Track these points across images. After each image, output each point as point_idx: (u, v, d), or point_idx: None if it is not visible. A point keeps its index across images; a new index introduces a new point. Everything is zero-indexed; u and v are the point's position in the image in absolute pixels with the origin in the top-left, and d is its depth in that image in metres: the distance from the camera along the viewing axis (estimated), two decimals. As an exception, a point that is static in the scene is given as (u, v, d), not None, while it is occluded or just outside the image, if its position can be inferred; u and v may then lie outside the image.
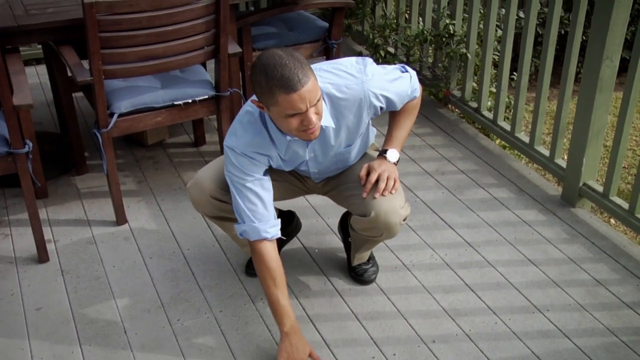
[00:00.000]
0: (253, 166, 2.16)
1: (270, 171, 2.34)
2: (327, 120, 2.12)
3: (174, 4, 2.61)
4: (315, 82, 1.93)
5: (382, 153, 2.28)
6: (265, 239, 2.18)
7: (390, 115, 2.35)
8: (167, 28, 2.64)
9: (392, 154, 2.28)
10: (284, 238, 2.69)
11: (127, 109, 2.79)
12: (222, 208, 2.29)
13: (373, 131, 2.46)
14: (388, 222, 2.21)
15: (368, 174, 2.25)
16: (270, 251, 2.19)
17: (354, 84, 2.12)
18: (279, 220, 2.24)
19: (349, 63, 2.15)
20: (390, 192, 2.20)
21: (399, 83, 2.24)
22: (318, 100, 1.96)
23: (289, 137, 2.11)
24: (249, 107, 2.16)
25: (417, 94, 2.32)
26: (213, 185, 2.28)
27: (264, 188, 2.18)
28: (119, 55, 2.63)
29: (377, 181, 2.22)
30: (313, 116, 1.96)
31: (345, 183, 2.35)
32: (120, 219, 2.95)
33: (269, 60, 1.91)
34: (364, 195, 2.21)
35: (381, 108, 2.22)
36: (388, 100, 2.21)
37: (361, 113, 2.17)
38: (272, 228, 2.19)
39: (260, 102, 1.99)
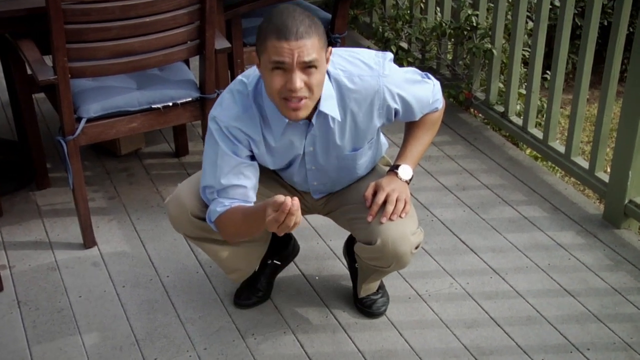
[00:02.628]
0: (234, 147, 2.18)
1: (263, 186, 2.35)
2: (331, 109, 2.14)
3: (152, -9, 2.63)
4: (316, 46, 1.98)
5: (393, 169, 2.29)
6: (231, 206, 2.19)
7: (407, 127, 2.37)
8: (144, 19, 2.66)
9: (405, 171, 2.28)
10: (279, 263, 2.69)
11: (96, 113, 2.80)
12: (206, 228, 2.30)
13: (384, 143, 2.48)
14: (397, 251, 2.21)
15: (375, 193, 2.25)
16: (236, 210, 2.17)
17: (368, 76, 2.15)
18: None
19: (367, 54, 2.20)
20: (400, 217, 2.21)
21: (420, 87, 2.26)
22: (313, 67, 1.99)
23: (287, 120, 2.13)
24: (244, 77, 2.19)
25: (440, 106, 2.35)
26: (195, 201, 2.28)
27: (246, 176, 2.19)
28: (87, 50, 2.64)
29: (385, 202, 2.23)
30: (298, 80, 1.99)
31: (349, 203, 2.36)
32: (88, 241, 2.96)
33: (281, 8, 2.01)
34: (369, 219, 2.21)
35: (396, 112, 2.23)
36: (405, 103, 2.22)
37: (372, 111, 2.18)
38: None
39: (256, 53, 2.05)
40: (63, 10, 2.52)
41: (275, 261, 2.67)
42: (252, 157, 2.23)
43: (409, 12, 4.22)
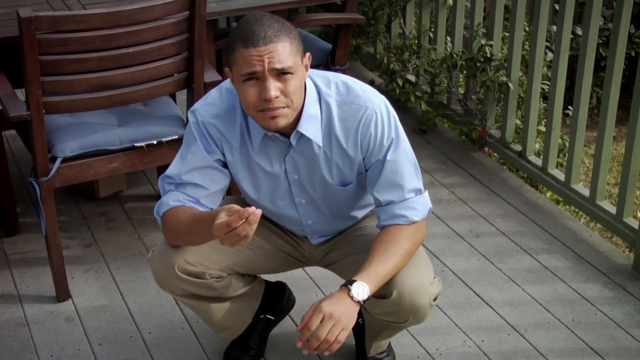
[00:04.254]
0: (208, 146, 2.20)
1: (258, 237, 2.35)
2: (312, 132, 2.15)
3: (135, 19, 2.65)
4: (288, 49, 2.00)
5: (347, 284, 2.13)
6: (184, 204, 2.19)
7: (374, 241, 2.23)
8: (127, 50, 2.68)
9: (360, 290, 2.11)
10: (272, 318, 2.68)
11: (73, 152, 2.82)
12: (196, 284, 2.30)
13: None
14: (415, 304, 2.21)
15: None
16: (187, 210, 2.17)
17: (362, 102, 2.17)
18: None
19: (375, 94, 2.21)
20: (324, 352, 2.08)
21: (409, 169, 2.22)
22: (287, 74, 2.01)
23: (264, 131, 2.15)
24: None
25: (416, 218, 2.22)
26: (183, 254, 2.28)
27: (211, 179, 2.21)
28: (64, 83, 2.66)
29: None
30: (273, 88, 2.01)
31: (355, 253, 2.35)
32: (62, 293, 2.95)
33: (249, 16, 2.03)
34: (298, 344, 2.09)
35: (367, 155, 2.20)
36: (384, 156, 2.19)
37: (356, 141, 2.19)
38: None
39: (229, 68, 2.08)
40: (38, 40, 2.54)
41: (268, 315, 2.66)
42: (225, 165, 2.25)
43: (416, 41, 4.26)
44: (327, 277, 2.98)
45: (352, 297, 2.10)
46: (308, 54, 2.12)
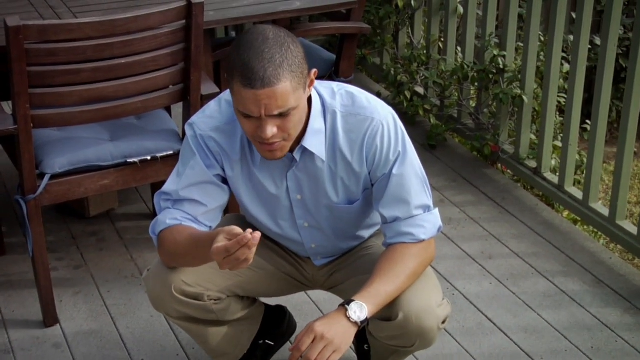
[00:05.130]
0: (208, 160, 2.21)
1: (259, 257, 2.36)
2: (316, 147, 2.16)
3: (129, 28, 2.67)
4: (289, 90, 1.97)
5: (344, 303, 2.12)
6: (181, 223, 2.20)
7: (380, 258, 2.23)
8: (120, 61, 2.69)
9: (358, 310, 2.10)
10: (272, 344, 2.68)
11: (62, 168, 2.82)
12: (193, 306, 2.30)
13: None
14: (422, 326, 2.20)
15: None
16: (184, 230, 2.18)
17: (368, 113, 2.17)
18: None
19: (382, 104, 2.21)
20: None
21: (416, 182, 2.22)
22: (285, 115, 2.00)
23: None
24: None
25: (423, 236, 2.22)
26: (180, 274, 2.28)
27: (210, 195, 2.21)
28: (53, 96, 2.67)
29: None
30: (269, 129, 2.01)
31: (359, 274, 2.35)
32: (49, 318, 2.94)
33: (251, 36, 2.00)
34: None
35: (373, 169, 2.20)
36: (390, 170, 2.19)
37: (362, 155, 2.20)
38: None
39: (227, 79, 2.07)
40: (26, 50, 2.55)
41: (267, 341, 2.66)
42: (224, 180, 2.25)
43: (425, 52, 4.27)
44: (330, 301, 2.98)
45: (348, 318, 2.10)
46: (314, 70, 2.10)
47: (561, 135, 3.70)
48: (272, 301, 2.71)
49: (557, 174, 3.63)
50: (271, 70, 1.95)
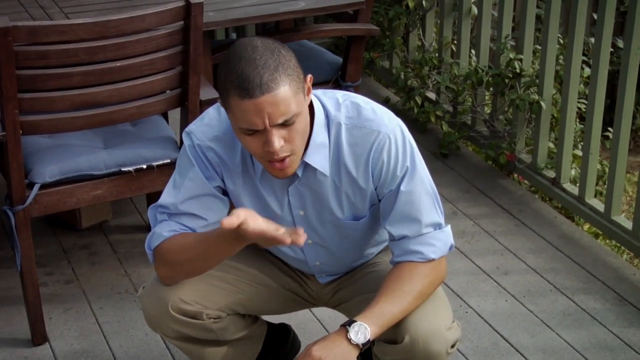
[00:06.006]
0: (207, 171, 2.20)
1: (260, 267, 2.35)
2: (320, 162, 2.16)
3: (124, 30, 2.67)
4: (289, 94, 1.97)
5: (346, 324, 2.10)
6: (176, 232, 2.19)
7: (387, 276, 2.23)
8: (114, 64, 2.69)
9: (360, 332, 2.08)
10: (275, 365, 2.68)
11: (53, 177, 2.82)
12: (191, 326, 2.30)
13: None
14: (429, 350, 2.19)
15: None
16: (188, 235, 2.18)
17: (375, 126, 2.16)
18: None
19: (389, 116, 2.20)
20: None
21: (426, 199, 2.20)
22: (289, 123, 2.00)
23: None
24: None
25: (433, 255, 2.21)
26: (178, 292, 2.28)
27: (210, 209, 2.21)
28: (44, 101, 2.68)
29: None
30: (276, 141, 1.99)
31: (366, 292, 2.35)
32: (38, 336, 2.94)
33: (239, 49, 2.00)
34: None
35: (379, 185, 2.20)
36: (397, 186, 2.18)
37: (367, 172, 2.19)
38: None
39: (220, 100, 2.06)
40: (15, 53, 2.55)
41: (270, 363, 2.67)
42: (224, 192, 2.25)
43: (437, 55, 4.27)
44: (336, 319, 2.97)
45: (349, 340, 2.08)
46: (309, 76, 2.08)
47: (581, 143, 3.70)
48: (274, 319, 2.71)
49: (577, 184, 3.63)
50: (267, 75, 1.95)
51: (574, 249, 3.44)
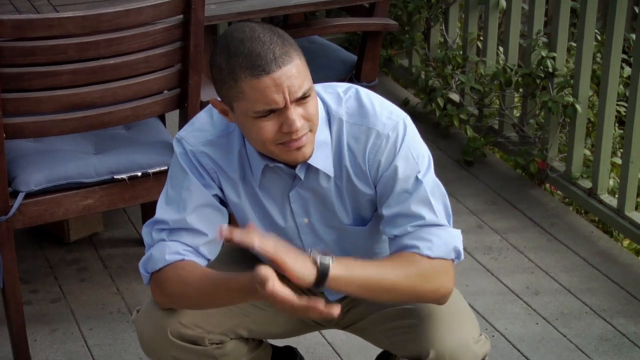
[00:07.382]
0: (203, 179, 2.20)
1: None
2: (322, 162, 2.16)
3: (117, 24, 2.68)
4: (301, 66, 2.00)
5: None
6: (183, 258, 2.18)
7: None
8: (107, 61, 2.70)
9: (326, 257, 2.03)
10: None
11: (39, 185, 2.83)
12: (192, 352, 2.30)
13: None
14: None
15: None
16: (193, 267, 2.17)
17: (371, 123, 2.17)
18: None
19: (391, 111, 2.20)
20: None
21: (429, 201, 2.18)
22: (307, 97, 2.02)
23: (270, 164, 2.16)
24: None
25: (431, 253, 2.14)
26: (177, 316, 2.28)
27: (211, 222, 2.20)
28: (30, 102, 2.68)
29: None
30: (297, 119, 2.01)
31: (380, 308, 2.35)
32: (21, 359, 2.95)
33: (235, 34, 2.01)
34: None
35: (378, 186, 2.20)
36: (396, 189, 2.18)
37: (365, 172, 2.19)
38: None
39: (222, 100, 2.06)
40: (0, 49, 2.57)
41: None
42: (222, 202, 2.25)
43: (461, 52, 4.27)
44: (348, 342, 2.98)
45: (313, 260, 2.02)
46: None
47: (621, 150, 3.70)
48: (280, 342, 2.71)
49: (616, 196, 3.62)
50: (279, 49, 1.98)
51: (612, 267, 3.43)
